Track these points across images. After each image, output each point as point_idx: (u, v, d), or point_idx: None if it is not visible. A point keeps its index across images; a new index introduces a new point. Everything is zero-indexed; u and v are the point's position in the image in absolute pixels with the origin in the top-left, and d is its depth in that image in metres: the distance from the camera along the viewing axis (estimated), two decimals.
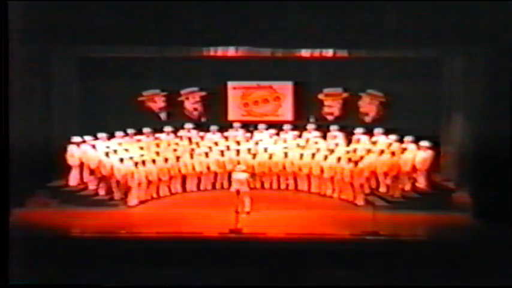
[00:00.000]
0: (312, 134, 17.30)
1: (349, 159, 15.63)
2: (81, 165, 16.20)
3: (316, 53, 16.31)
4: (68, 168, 16.22)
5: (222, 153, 16.58)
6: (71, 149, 16.15)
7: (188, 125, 17.59)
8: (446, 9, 14.20)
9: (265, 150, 16.63)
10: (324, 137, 17.23)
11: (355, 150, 16.25)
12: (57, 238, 13.15)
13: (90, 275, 11.96)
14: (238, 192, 14.25)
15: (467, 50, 15.39)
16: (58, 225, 13.91)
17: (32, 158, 15.30)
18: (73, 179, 16.19)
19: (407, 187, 15.63)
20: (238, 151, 16.68)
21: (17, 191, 13.29)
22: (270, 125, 17.75)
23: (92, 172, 16.04)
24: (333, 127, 17.38)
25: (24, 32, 13.79)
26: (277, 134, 17.44)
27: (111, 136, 16.92)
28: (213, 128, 17.51)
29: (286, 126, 17.60)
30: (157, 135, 17.34)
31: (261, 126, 17.64)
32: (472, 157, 15.17)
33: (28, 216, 14.25)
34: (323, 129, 17.43)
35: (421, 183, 15.61)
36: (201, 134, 17.51)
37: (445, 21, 14.33)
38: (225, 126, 17.78)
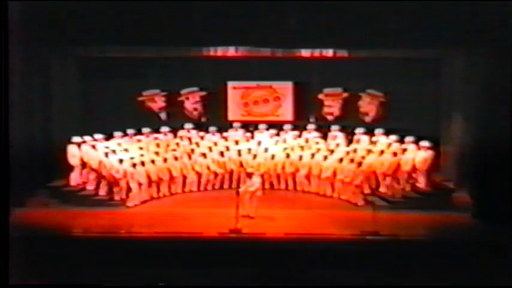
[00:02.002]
0: (312, 134, 17.26)
1: (351, 160, 15.60)
2: (82, 165, 16.21)
3: (316, 53, 16.33)
4: (69, 168, 16.23)
5: (221, 153, 16.56)
6: (72, 149, 16.15)
7: (188, 125, 17.59)
8: (447, 9, 14.21)
9: (266, 150, 16.61)
10: (324, 137, 17.22)
11: (355, 150, 16.25)
12: (57, 238, 13.16)
13: (90, 275, 11.96)
14: (238, 192, 14.20)
15: (467, 50, 15.40)
16: (58, 225, 13.92)
17: (32, 158, 15.31)
18: (74, 179, 16.20)
19: (408, 187, 15.64)
20: (238, 151, 16.66)
21: (17, 191, 13.29)
22: (270, 125, 17.72)
23: (92, 172, 16.04)
24: (334, 127, 17.35)
25: (24, 32, 13.79)
26: (278, 134, 17.43)
27: (111, 136, 16.93)
28: (212, 128, 17.45)
29: (286, 126, 17.59)
30: (157, 135, 17.34)
31: (262, 126, 17.62)
32: (472, 157, 15.19)
33: (28, 216, 14.25)
34: (323, 129, 17.41)
35: (421, 183, 15.63)
36: (201, 134, 17.50)
37: (445, 22, 14.34)
38: (225, 126, 17.77)
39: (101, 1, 14.65)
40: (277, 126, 17.70)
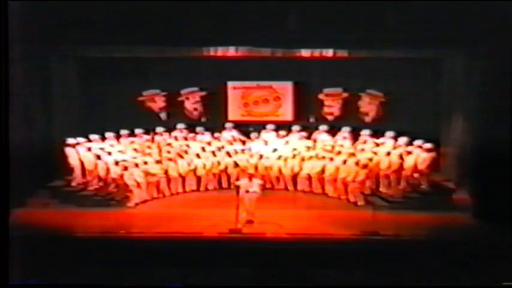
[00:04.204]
0: (322, 135, 17.23)
1: (357, 163, 15.55)
2: (82, 165, 16.21)
3: (316, 53, 16.30)
4: (69, 168, 16.25)
5: (228, 153, 16.53)
6: (71, 150, 16.15)
7: (181, 125, 17.54)
8: (446, 9, 14.22)
9: (274, 150, 16.54)
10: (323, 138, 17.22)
11: (362, 150, 16.24)
12: (57, 238, 13.16)
13: (90, 275, 11.97)
14: (238, 191, 14.18)
15: (467, 50, 15.40)
16: (58, 225, 13.92)
17: (32, 158, 15.29)
18: (75, 179, 16.21)
19: (408, 187, 15.64)
20: (237, 152, 16.66)
21: (17, 191, 13.28)
22: (265, 125, 17.71)
23: (91, 173, 16.05)
24: (344, 128, 17.31)
25: (24, 32, 13.79)
26: (279, 135, 17.42)
27: (109, 136, 16.93)
28: (199, 128, 17.47)
29: (295, 127, 17.52)
30: (153, 136, 17.34)
31: (270, 126, 17.56)
32: (472, 157, 15.18)
33: (28, 216, 14.26)
34: (322, 130, 17.42)
35: (422, 183, 15.63)
36: (199, 134, 17.49)
37: (445, 21, 14.35)
38: (224, 126, 17.77)
39: (101, 1, 14.66)
40: (275, 126, 17.70)
